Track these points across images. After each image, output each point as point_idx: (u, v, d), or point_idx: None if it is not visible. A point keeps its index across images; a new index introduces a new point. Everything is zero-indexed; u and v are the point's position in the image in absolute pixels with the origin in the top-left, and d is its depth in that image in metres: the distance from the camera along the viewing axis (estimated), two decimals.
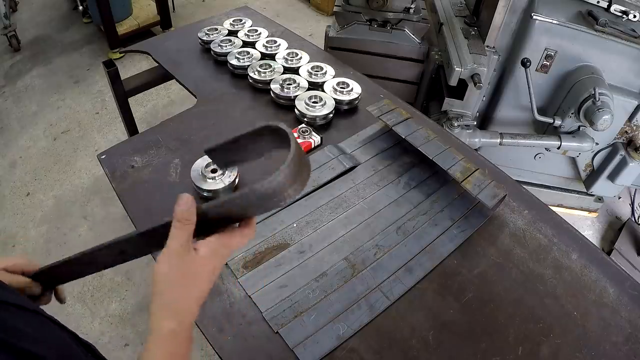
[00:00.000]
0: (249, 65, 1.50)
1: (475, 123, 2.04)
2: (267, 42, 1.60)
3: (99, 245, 0.55)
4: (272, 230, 1.07)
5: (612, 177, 2.04)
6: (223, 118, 1.39)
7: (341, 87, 1.42)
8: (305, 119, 1.34)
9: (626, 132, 1.98)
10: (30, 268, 0.61)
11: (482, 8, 2.01)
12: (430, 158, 1.17)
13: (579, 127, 1.90)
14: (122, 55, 3.31)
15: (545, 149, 2.00)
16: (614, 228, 2.44)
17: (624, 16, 1.80)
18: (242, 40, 1.63)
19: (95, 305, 1.97)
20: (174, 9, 3.79)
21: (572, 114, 1.83)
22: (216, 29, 1.69)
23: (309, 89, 1.42)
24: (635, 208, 2.54)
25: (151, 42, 1.82)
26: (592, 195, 2.26)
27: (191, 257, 0.51)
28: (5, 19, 3.22)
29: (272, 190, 0.47)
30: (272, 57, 1.55)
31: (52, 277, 0.62)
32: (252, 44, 1.61)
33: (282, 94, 1.40)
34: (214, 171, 1.12)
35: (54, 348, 0.43)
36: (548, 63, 1.86)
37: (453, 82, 1.83)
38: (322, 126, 1.36)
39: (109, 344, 1.84)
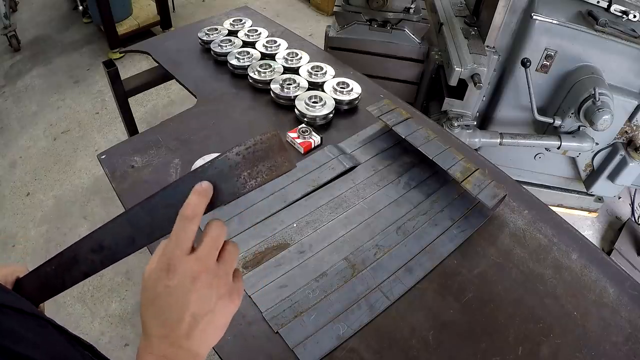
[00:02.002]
0: (249, 65, 1.50)
1: (475, 123, 2.04)
2: (267, 42, 1.60)
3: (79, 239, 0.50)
4: (272, 230, 1.07)
5: (612, 177, 2.04)
6: (223, 118, 1.39)
7: (341, 87, 1.42)
8: (305, 119, 1.34)
9: (626, 132, 1.98)
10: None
11: (482, 8, 2.01)
12: (430, 158, 1.17)
13: (579, 127, 1.90)
14: (122, 55, 3.32)
15: (545, 149, 2.00)
16: (614, 228, 2.45)
17: (624, 16, 1.80)
18: (242, 40, 1.63)
19: (95, 305, 1.97)
20: (174, 9, 3.79)
21: (572, 114, 1.83)
22: (216, 29, 1.69)
23: (309, 89, 1.42)
24: (635, 208, 2.54)
25: (151, 42, 1.82)
26: (592, 195, 2.26)
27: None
28: (5, 19, 3.22)
29: (227, 167, 0.47)
30: (272, 57, 1.55)
31: (36, 288, 0.54)
32: (252, 44, 1.61)
33: (282, 94, 1.40)
34: None
35: (52, 353, 0.42)
36: (548, 63, 1.86)
37: (453, 82, 1.83)
38: (322, 126, 1.36)
39: (109, 344, 1.84)
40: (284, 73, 1.48)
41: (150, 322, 0.46)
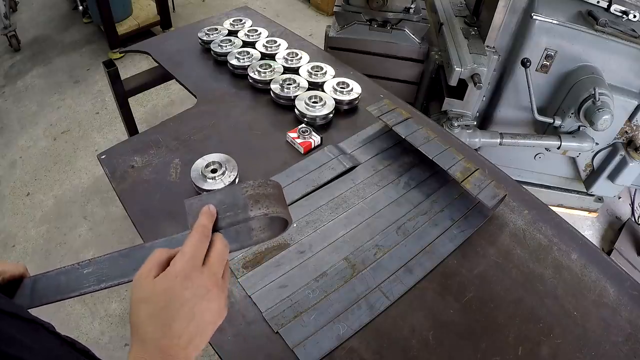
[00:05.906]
0: (249, 65, 1.50)
1: (475, 123, 2.04)
2: (267, 42, 1.60)
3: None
4: None
5: (612, 177, 2.04)
6: (223, 118, 1.39)
7: (341, 87, 1.42)
8: (305, 119, 1.34)
9: (626, 132, 1.98)
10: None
11: (482, 8, 2.01)
12: (430, 158, 1.17)
13: (579, 127, 1.90)
14: (122, 55, 3.32)
15: (545, 149, 2.00)
16: (614, 228, 2.44)
17: (624, 16, 1.80)
18: (242, 40, 1.63)
19: (95, 305, 1.97)
20: (174, 9, 3.79)
21: (572, 114, 1.83)
22: (216, 29, 1.69)
23: (309, 89, 1.42)
24: (635, 208, 2.54)
25: (151, 42, 1.82)
26: (592, 195, 2.26)
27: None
28: (5, 19, 3.22)
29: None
30: (272, 57, 1.55)
31: (29, 293, 0.56)
32: (252, 44, 1.61)
33: (282, 94, 1.40)
34: (214, 171, 1.12)
35: (47, 356, 0.43)
36: (548, 63, 1.86)
37: (453, 82, 1.83)
38: (322, 126, 1.36)
39: (109, 344, 1.84)
40: (284, 73, 1.48)
41: (152, 330, 0.46)
